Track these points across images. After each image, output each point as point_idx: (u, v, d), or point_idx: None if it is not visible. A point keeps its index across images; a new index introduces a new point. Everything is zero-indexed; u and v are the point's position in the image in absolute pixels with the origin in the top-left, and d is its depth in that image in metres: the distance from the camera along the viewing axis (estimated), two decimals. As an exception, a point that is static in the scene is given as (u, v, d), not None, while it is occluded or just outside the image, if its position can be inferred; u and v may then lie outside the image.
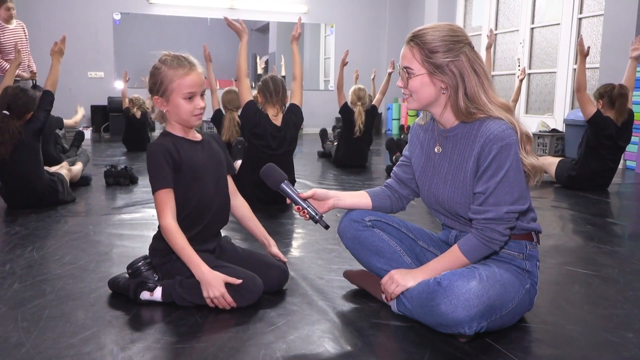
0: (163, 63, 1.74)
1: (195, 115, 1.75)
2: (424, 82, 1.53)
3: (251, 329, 1.57)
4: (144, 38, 8.64)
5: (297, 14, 9.22)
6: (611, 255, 2.41)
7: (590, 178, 3.95)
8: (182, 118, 1.76)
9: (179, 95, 1.72)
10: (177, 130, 1.81)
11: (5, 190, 3.19)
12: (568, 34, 6.39)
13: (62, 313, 1.67)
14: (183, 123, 1.78)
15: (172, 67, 1.72)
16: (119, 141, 6.86)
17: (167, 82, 1.72)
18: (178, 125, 1.80)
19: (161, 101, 1.75)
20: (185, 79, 1.72)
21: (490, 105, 1.51)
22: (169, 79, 1.72)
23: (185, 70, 1.72)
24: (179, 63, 1.73)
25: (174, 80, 1.71)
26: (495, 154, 1.46)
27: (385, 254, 1.71)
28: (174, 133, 1.80)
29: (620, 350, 1.47)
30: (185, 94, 1.72)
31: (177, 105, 1.74)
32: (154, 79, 1.75)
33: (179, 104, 1.73)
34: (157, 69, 1.74)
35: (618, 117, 3.83)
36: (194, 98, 1.74)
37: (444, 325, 1.42)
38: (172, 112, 1.76)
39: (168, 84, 1.72)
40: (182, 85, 1.72)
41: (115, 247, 2.41)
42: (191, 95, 1.73)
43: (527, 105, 7.16)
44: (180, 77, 1.71)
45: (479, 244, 1.52)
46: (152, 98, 1.77)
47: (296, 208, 1.69)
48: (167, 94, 1.73)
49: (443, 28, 1.52)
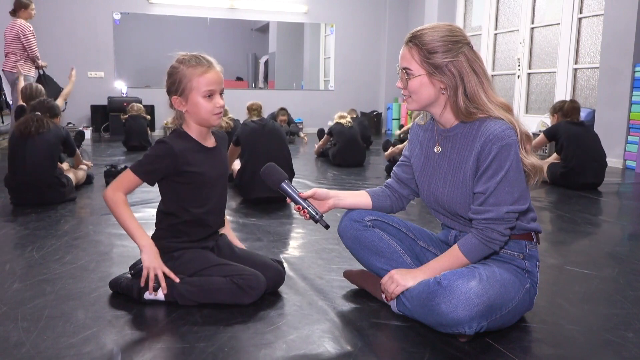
0: (181, 62, 1.73)
1: (215, 114, 1.74)
2: (423, 82, 1.52)
3: (251, 329, 1.57)
4: (144, 38, 8.64)
5: (297, 13, 9.23)
6: (611, 255, 2.41)
7: (582, 172, 4.03)
8: (202, 117, 1.74)
9: (198, 94, 1.71)
10: (194, 133, 1.78)
11: (12, 178, 3.22)
12: (568, 34, 6.39)
13: (62, 313, 1.67)
14: (203, 123, 1.76)
15: (190, 65, 1.71)
16: (118, 141, 6.86)
17: (186, 80, 1.71)
18: (195, 127, 1.78)
19: (180, 100, 1.74)
20: (204, 76, 1.70)
21: (490, 104, 1.50)
22: (187, 78, 1.70)
23: (204, 68, 1.71)
24: (197, 61, 1.72)
25: (192, 79, 1.70)
26: (495, 154, 1.46)
27: (385, 254, 1.71)
28: (190, 135, 1.78)
29: (620, 350, 1.47)
30: (205, 91, 1.71)
31: (197, 104, 1.72)
32: (172, 79, 1.73)
33: (199, 102, 1.72)
34: (175, 69, 1.73)
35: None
36: (214, 96, 1.73)
37: (444, 325, 1.42)
38: (192, 111, 1.74)
39: (187, 83, 1.71)
40: (202, 83, 1.70)
41: (115, 247, 2.41)
42: (210, 93, 1.72)
43: (527, 105, 7.16)
44: (199, 75, 1.70)
45: (479, 244, 1.52)
46: (171, 98, 1.75)
47: (296, 207, 1.69)
48: (186, 92, 1.71)
49: (442, 28, 1.52)
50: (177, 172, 1.74)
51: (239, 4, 8.90)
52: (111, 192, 1.71)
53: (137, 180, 1.72)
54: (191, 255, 1.78)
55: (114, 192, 1.71)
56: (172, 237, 1.79)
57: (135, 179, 1.72)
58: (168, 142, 1.72)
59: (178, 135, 1.77)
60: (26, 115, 3.38)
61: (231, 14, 8.96)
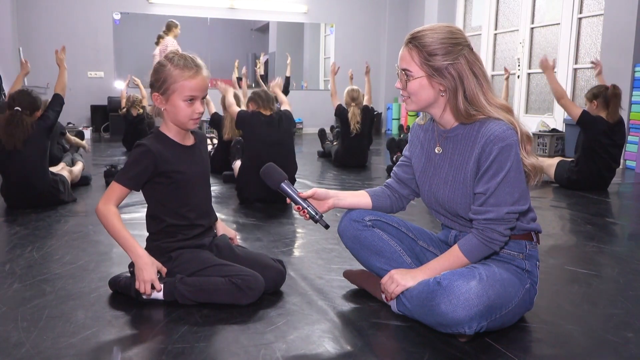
0: (170, 61, 1.71)
1: (192, 119, 1.74)
2: (422, 84, 1.52)
3: (251, 329, 1.57)
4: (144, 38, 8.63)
5: (297, 13, 9.23)
6: (611, 255, 2.41)
7: (592, 180, 3.95)
8: (179, 120, 1.74)
9: (179, 97, 1.70)
10: (172, 133, 1.79)
11: (6, 187, 3.19)
12: (568, 34, 6.39)
13: (62, 313, 1.67)
14: (179, 125, 1.77)
15: (178, 66, 1.70)
16: (118, 141, 6.86)
17: (171, 81, 1.70)
18: (174, 127, 1.78)
19: (160, 99, 1.74)
20: (190, 81, 1.70)
21: (489, 107, 1.50)
22: (173, 79, 1.70)
23: (191, 72, 1.70)
24: (186, 64, 1.70)
25: (177, 81, 1.69)
26: (496, 155, 1.46)
27: (385, 254, 1.71)
28: (168, 135, 1.79)
29: (620, 350, 1.47)
30: (187, 96, 1.70)
31: (176, 107, 1.72)
32: (157, 76, 1.72)
33: (178, 105, 1.71)
34: (163, 66, 1.72)
35: (611, 117, 3.86)
36: (195, 101, 1.72)
37: (444, 325, 1.42)
38: (170, 112, 1.74)
39: (171, 84, 1.70)
40: (185, 88, 1.70)
41: (115, 247, 2.41)
42: (192, 98, 1.71)
43: (527, 105, 7.16)
44: (185, 79, 1.69)
45: (480, 244, 1.52)
46: (152, 94, 1.75)
47: (296, 208, 1.69)
48: (168, 93, 1.71)
49: (442, 30, 1.52)
50: (158, 173, 1.73)
51: (239, 4, 8.90)
52: (102, 206, 1.71)
53: (124, 189, 1.72)
54: (189, 255, 1.78)
55: (104, 205, 1.71)
56: (166, 238, 1.79)
57: (121, 188, 1.72)
58: (145, 143, 1.73)
59: (155, 137, 1.78)
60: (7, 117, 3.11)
61: (231, 14, 8.96)
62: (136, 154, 1.73)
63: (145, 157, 1.71)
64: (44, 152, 3.23)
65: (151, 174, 1.73)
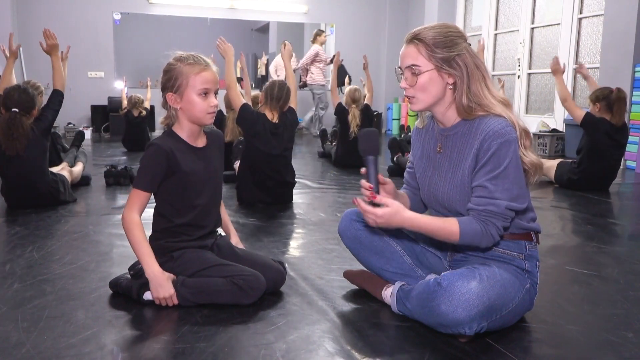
0: (178, 60, 1.75)
1: (209, 112, 1.76)
2: (432, 77, 1.52)
3: (251, 329, 1.57)
4: (144, 38, 8.64)
5: (297, 13, 9.22)
6: (611, 255, 2.41)
7: (593, 180, 3.94)
8: (195, 116, 1.75)
9: (193, 92, 1.73)
10: (184, 133, 1.79)
11: (7, 188, 3.18)
12: (568, 34, 6.39)
13: (62, 313, 1.67)
14: (196, 121, 1.78)
15: (187, 63, 1.73)
16: (119, 141, 6.85)
17: (183, 78, 1.72)
18: (187, 127, 1.79)
19: (175, 98, 1.75)
20: (201, 75, 1.73)
21: (491, 99, 1.51)
22: (184, 75, 1.72)
23: (200, 67, 1.73)
24: (195, 60, 1.74)
25: (189, 76, 1.72)
26: (494, 150, 1.46)
27: (386, 254, 1.71)
28: (180, 135, 1.79)
29: (620, 350, 1.47)
30: (200, 89, 1.73)
31: (191, 102, 1.73)
32: (168, 75, 1.75)
33: (193, 100, 1.73)
34: (172, 66, 1.75)
35: (615, 120, 3.82)
36: (209, 95, 1.75)
37: (444, 326, 1.42)
38: (186, 109, 1.75)
39: (183, 80, 1.72)
40: (198, 81, 1.72)
41: (115, 247, 2.41)
42: (206, 92, 1.74)
43: (527, 105, 7.16)
44: (195, 73, 1.72)
45: (480, 231, 1.47)
46: (166, 95, 1.76)
47: (368, 186, 1.54)
48: (182, 90, 1.73)
49: (441, 26, 1.54)
50: (170, 171, 1.74)
51: (239, 4, 8.89)
52: (126, 215, 1.72)
53: (144, 194, 1.74)
54: (191, 255, 1.78)
55: (129, 214, 1.72)
56: (170, 237, 1.80)
57: (141, 194, 1.73)
58: (156, 142, 1.75)
59: (167, 135, 1.79)
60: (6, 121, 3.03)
61: (231, 14, 8.96)
62: (149, 155, 1.74)
63: (159, 156, 1.73)
64: (44, 152, 3.22)
65: (165, 172, 1.74)
